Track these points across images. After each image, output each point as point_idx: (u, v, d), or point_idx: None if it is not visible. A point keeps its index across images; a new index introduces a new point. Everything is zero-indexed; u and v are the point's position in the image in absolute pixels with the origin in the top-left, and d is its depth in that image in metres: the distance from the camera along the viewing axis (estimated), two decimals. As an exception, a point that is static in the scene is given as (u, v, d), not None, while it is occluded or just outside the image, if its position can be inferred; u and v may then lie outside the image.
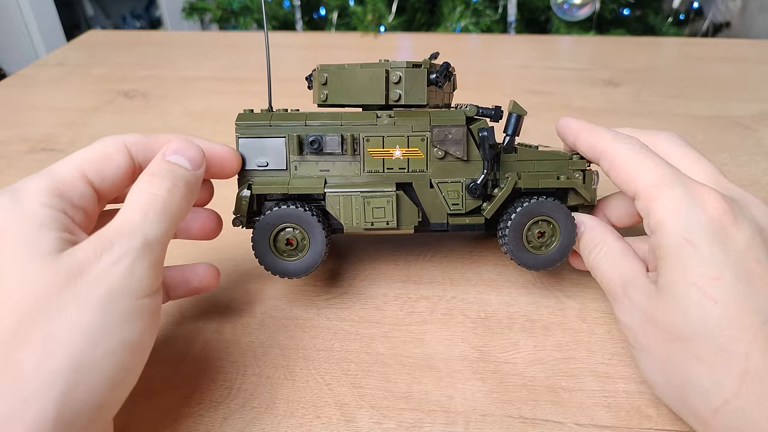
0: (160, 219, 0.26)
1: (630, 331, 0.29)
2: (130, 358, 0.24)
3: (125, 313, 0.23)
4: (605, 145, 0.31)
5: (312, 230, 0.33)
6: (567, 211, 0.34)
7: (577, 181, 0.34)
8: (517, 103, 0.34)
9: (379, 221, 0.34)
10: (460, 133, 0.33)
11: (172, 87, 0.74)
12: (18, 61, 1.92)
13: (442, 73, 0.34)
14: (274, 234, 0.33)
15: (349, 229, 0.34)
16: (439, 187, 0.34)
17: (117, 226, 0.25)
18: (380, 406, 0.30)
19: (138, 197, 0.26)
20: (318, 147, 0.33)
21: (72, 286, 0.23)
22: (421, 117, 0.34)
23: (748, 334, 0.24)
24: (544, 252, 0.34)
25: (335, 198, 0.34)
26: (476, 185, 0.34)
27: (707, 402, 0.25)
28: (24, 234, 0.24)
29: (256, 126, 0.34)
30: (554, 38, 1.04)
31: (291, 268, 0.34)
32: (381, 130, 0.34)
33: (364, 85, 0.35)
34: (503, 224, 0.34)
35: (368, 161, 0.34)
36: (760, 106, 0.64)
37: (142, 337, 0.24)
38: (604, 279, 0.31)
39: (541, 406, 0.30)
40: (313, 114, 0.34)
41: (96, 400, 0.22)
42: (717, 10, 1.60)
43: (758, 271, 0.26)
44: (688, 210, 0.27)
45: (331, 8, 1.31)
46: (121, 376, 0.23)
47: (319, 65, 0.36)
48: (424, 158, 0.34)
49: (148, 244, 0.25)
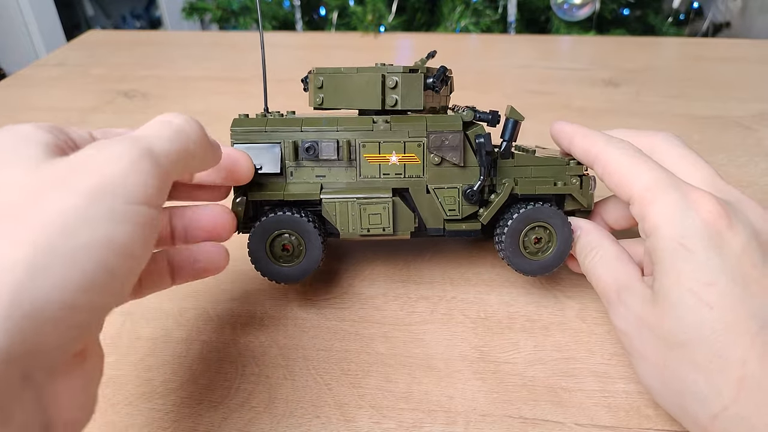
0: (172, 138, 0.24)
1: (626, 337, 0.29)
2: (114, 260, 0.20)
3: (115, 211, 0.20)
4: (598, 149, 0.31)
5: (308, 236, 0.33)
6: (564, 217, 0.34)
7: (573, 187, 0.34)
8: (514, 109, 0.34)
9: (375, 227, 0.34)
10: (456, 140, 0.33)
11: (172, 87, 0.74)
12: (18, 61, 1.92)
13: (438, 78, 0.34)
14: (271, 240, 0.34)
15: (346, 235, 0.34)
16: (435, 193, 0.34)
17: (121, 134, 0.23)
18: (380, 406, 0.31)
19: (154, 121, 0.25)
20: (314, 153, 0.33)
21: (60, 181, 0.20)
22: (417, 123, 0.34)
23: (744, 339, 0.24)
24: (541, 258, 0.34)
25: (331, 204, 0.34)
26: (473, 191, 0.34)
27: (706, 408, 0.25)
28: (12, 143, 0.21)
29: (252, 132, 0.33)
30: (554, 38, 1.04)
31: (287, 274, 0.34)
32: (377, 136, 0.34)
33: (360, 90, 0.34)
34: (500, 230, 0.34)
35: (364, 167, 0.34)
36: (760, 106, 0.64)
37: (131, 241, 0.21)
38: (599, 283, 0.31)
39: (541, 406, 0.30)
40: (309, 119, 0.34)
41: (65, 297, 0.19)
42: (717, 10, 1.60)
43: (754, 275, 0.25)
44: (683, 214, 0.27)
45: (331, 8, 1.31)
46: (101, 277, 0.20)
47: (315, 68, 0.36)
48: (420, 164, 0.34)
49: (153, 154, 0.22)
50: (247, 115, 0.35)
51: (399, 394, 0.31)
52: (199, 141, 0.26)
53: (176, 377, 0.32)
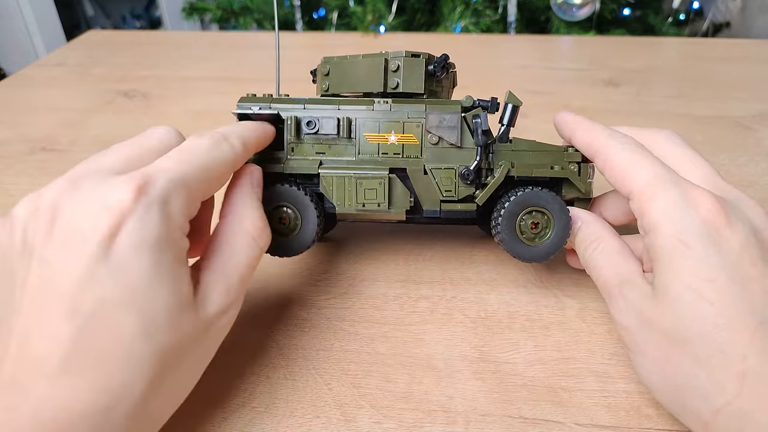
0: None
1: (626, 332, 0.29)
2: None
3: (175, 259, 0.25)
4: (600, 143, 0.31)
5: (305, 210, 0.34)
6: (562, 203, 0.33)
7: (571, 172, 0.34)
8: (512, 94, 0.34)
9: (370, 203, 0.34)
10: (454, 120, 0.34)
11: (172, 87, 0.74)
12: (18, 61, 1.92)
13: (440, 65, 0.35)
14: (269, 212, 0.34)
15: (342, 210, 0.34)
16: (432, 174, 0.34)
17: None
18: (380, 406, 0.31)
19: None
20: (314, 128, 0.34)
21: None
22: (417, 103, 0.34)
23: (744, 335, 0.24)
24: (538, 243, 0.34)
25: (328, 178, 0.34)
26: (469, 172, 0.34)
27: (708, 403, 0.25)
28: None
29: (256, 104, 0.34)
30: (554, 38, 1.04)
31: (283, 247, 0.34)
32: (377, 115, 0.34)
33: (363, 74, 0.35)
34: (496, 213, 0.34)
35: (363, 145, 0.34)
36: (760, 106, 0.64)
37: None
38: (599, 277, 0.31)
39: (541, 406, 0.30)
40: (313, 99, 0.35)
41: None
42: (717, 10, 1.60)
43: (753, 273, 0.25)
44: (682, 211, 0.27)
45: (331, 8, 1.31)
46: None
47: (323, 57, 0.37)
48: (418, 144, 0.34)
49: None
50: (254, 95, 0.36)
51: (399, 394, 0.31)
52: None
53: (176, 377, 0.32)
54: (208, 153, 0.28)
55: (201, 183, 0.27)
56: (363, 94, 0.37)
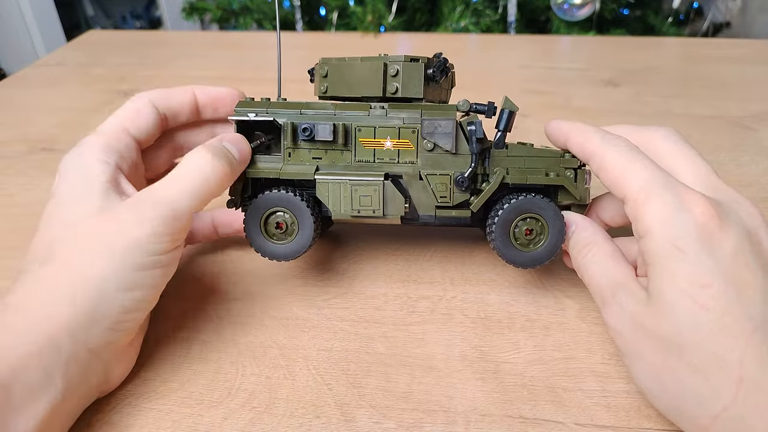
0: (192, 195, 0.31)
1: (620, 337, 0.28)
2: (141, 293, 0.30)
3: (138, 263, 0.29)
4: (594, 146, 0.31)
5: (301, 215, 0.34)
6: (556, 210, 0.33)
7: (566, 179, 0.34)
8: (509, 99, 0.34)
9: (365, 209, 0.34)
10: (449, 126, 0.34)
11: (172, 87, 0.73)
12: (18, 61, 1.92)
13: (438, 68, 0.35)
14: (265, 217, 0.34)
15: (337, 216, 0.35)
16: (427, 179, 0.34)
17: (154, 193, 0.31)
18: (380, 406, 0.31)
19: (186, 166, 0.32)
20: (310, 135, 0.34)
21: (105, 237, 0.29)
22: (412, 109, 0.34)
23: (740, 341, 0.24)
24: (532, 249, 0.34)
25: (324, 185, 0.34)
26: (464, 178, 0.34)
27: (705, 409, 0.25)
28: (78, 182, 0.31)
29: (253, 110, 0.35)
30: (554, 38, 1.04)
31: (279, 251, 0.35)
32: (373, 121, 0.34)
33: (362, 78, 0.35)
34: (491, 220, 0.34)
35: (359, 151, 0.35)
36: (760, 106, 0.64)
37: (152, 281, 0.30)
38: (592, 281, 0.31)
39: (541, 406, 0.30)
40: (309, 103, 0.35)
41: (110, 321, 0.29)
42: (717, 10, 1.60)
43: (747, 276, 0.25)
44: (676, 216, 0.26)
45: (331, 8, 1.30)
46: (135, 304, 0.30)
47: (322, 58, 0.37)
48: (414, 150, 0.34)
49: (174, 215, 0.30)
50: (253, 99, 0.36)
51: (399, 394, 0.31)
52: (223, 183, 0.32)
53: (176, 377, 0.32)
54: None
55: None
56: (362, 98, 0.37)
